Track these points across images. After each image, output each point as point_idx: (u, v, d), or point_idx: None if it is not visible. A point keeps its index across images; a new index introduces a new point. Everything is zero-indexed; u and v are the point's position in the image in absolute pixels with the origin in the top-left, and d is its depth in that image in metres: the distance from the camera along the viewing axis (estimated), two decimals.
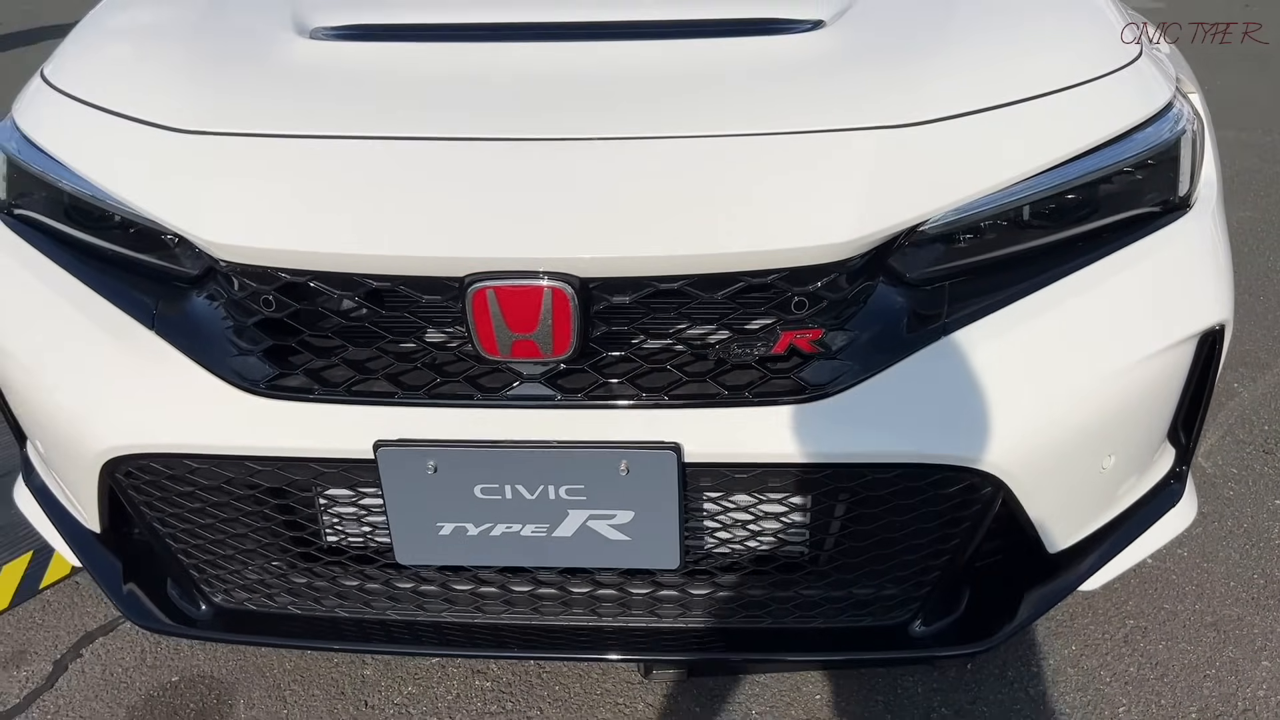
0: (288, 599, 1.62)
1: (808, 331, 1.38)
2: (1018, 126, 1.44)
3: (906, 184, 1.37)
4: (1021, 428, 1.40)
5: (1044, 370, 1.42)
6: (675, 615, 1.57)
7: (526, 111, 1.42)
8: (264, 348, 1.42)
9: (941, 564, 1.51)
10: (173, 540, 1.59)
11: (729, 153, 1.36)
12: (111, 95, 1.58)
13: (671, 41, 1.54)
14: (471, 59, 1.53)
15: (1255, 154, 4.39)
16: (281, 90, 1.51)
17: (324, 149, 1.40)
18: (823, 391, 1.37)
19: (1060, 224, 1.46)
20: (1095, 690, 1.76)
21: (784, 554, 1.53)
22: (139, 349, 1.47)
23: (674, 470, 1.37)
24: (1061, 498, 1.50)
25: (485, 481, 1.40)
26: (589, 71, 1.48)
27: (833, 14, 1.60)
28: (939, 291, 1.42)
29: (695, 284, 1.34)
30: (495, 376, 1.40)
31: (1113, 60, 1.55)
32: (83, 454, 1.51)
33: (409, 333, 1.42)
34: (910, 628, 1.56)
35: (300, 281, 1.39)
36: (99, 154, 1.53)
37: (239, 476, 1.48)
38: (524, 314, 1.34)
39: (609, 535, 1.44)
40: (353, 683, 1.81)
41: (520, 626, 1.60)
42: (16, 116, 1.70)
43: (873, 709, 1.73)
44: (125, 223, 1.52)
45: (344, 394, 1.41)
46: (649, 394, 1.38)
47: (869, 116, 1.40)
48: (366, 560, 1.60)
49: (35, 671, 1.86)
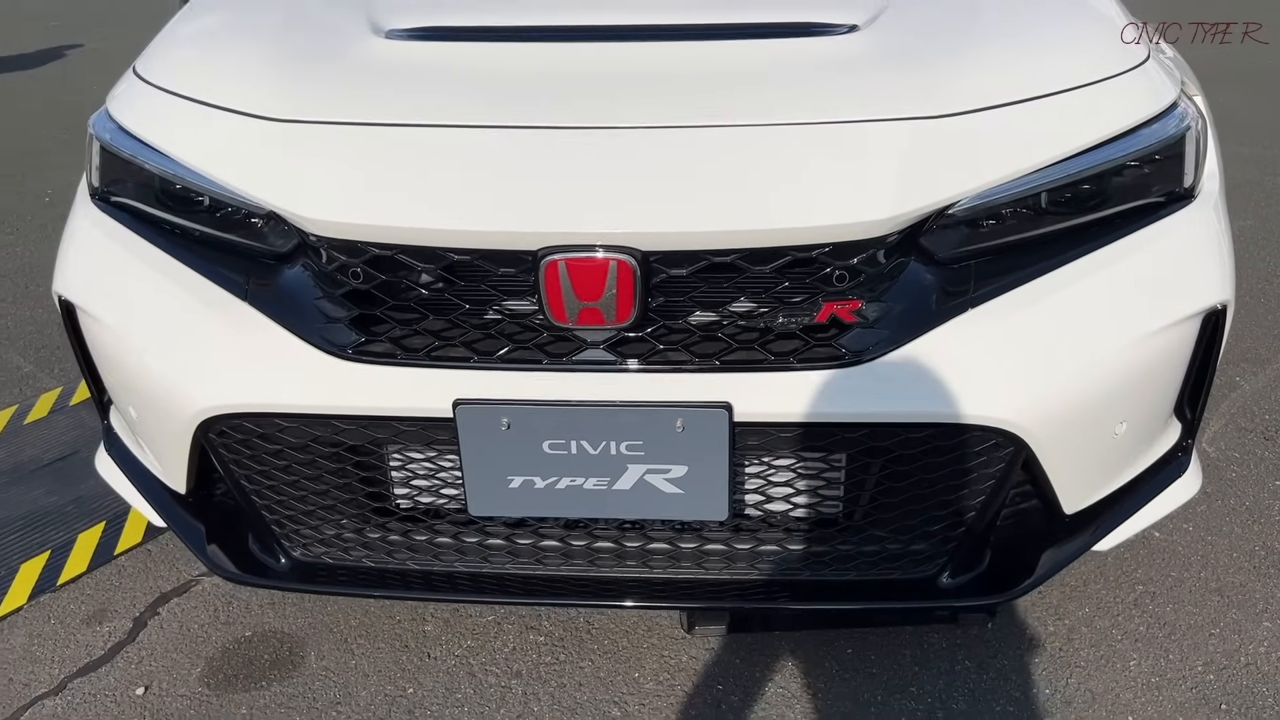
0: (361, 552, 1.76)
1: (848, 302, 1.52)
2: (1036, 120, 1.58)
3: (937, 170, 1.51)
4: (1040, 392, 1.53)
5: (1060, 341, 1.56)
6: (720, 567, 1.70)
7: (593, 102, 1.56)
8: (351, 316, 1.56)
9: (968, 520, 1.64)
10: (257, 497, 1.72)
11: (778, 139, 1.51)
12: (204, 88, 1.72)
13: (720, 42, 1.69)
14: (538, 57, 1.68)
15: (1255, 167, 4.54)
16: (366, 83, 1.66)
17: (410, 135, 1.55)
18: (860, 358, 1.51)
19: (1075, 210, 1.60)
20: (1108, 646, 1.89)
21: (822, 509, 1.67)
22: (232, 318, 1.61)
23: (725, 428, 1.50)
24: (1077, 459, 1.63)
25: (553, 438, 1.54)
26: (648, 68, 1.63)
27: (866, 19, 1.75)
28: (966, 269, 1.56)
29: (746, 257, 1.48)
30: (562, 343, 1.54)
31: (1123, 62, 1.70)
32: (179, 416, 1.64)
33: (485, 302, 1.56)
34: (938, 580, 1.69)
35: (387, 255, 1.53)
36: (195, 141, 1.67)
37: (324, 435, 1.61)
38: (591, 284, 1.48)
39: (664, 489, 1.57)
40: (415, 637, 1.94)
41: (576, 578, 1.73)
42: (111, 108, 1.85)
43: (901, 661, 1.86)
44: (216, 204, 1.66)
45: (424, 358, 1.54)
46: (701, 359, 1.52)
47: (903, 109, 1.54)
48: (436, 515, 1.74)
49: (116, 628, 1.99)
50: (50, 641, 1.97)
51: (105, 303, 1.73)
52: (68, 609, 2.05)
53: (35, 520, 2.30)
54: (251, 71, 1.73)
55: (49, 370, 2.99)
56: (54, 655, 1.93)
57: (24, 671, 1.90)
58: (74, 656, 1.93)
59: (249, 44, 1.83)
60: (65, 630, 1.99)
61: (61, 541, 2.23)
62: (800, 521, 1.68)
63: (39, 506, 2.35)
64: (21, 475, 2.47)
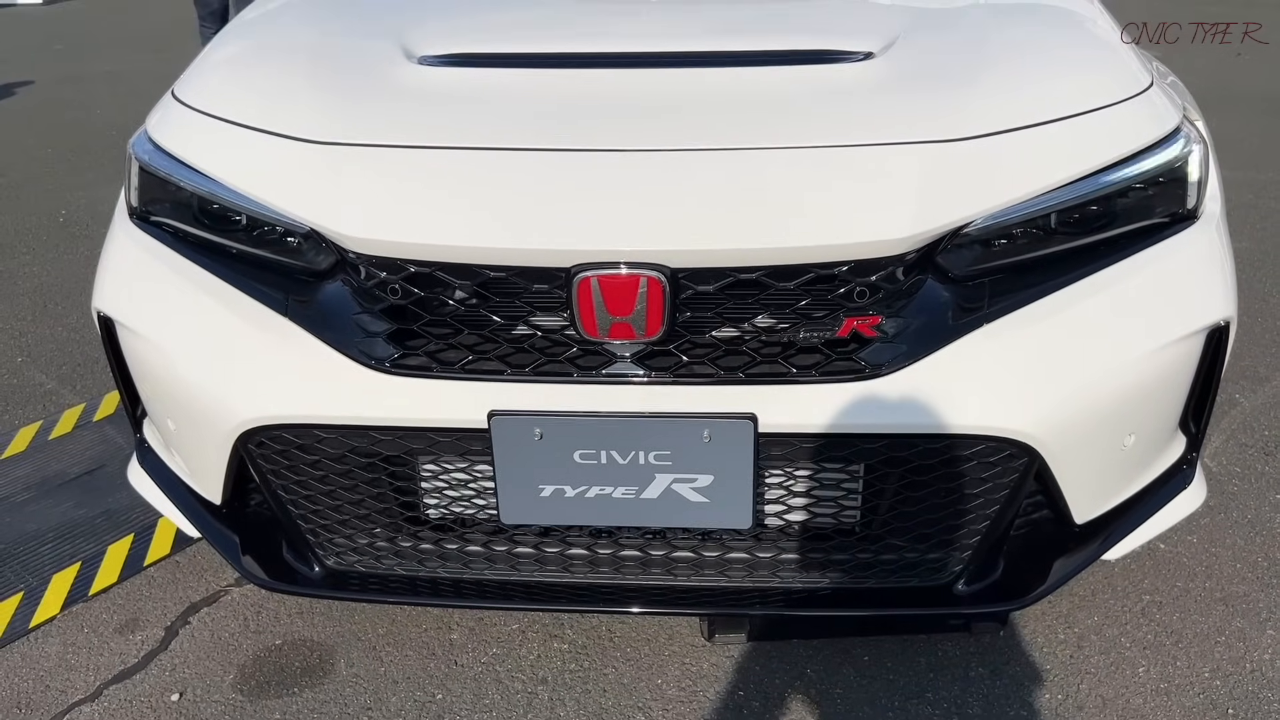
0: (393, 560, 1.81)
1: (868, 318, 1.58)
2: (1046, 144, 1.65)
3: (952, 191, 1.58)
4: (1052, 404, 1.59)
5: (1071, 356, 1.62)
6: (743, 575, 1.75)
7: (623, 125, 1.63)
8: (389, 330, 1.62)
9: (983, 529, 1.70)
10: (293, 506, 1.78)
11: (800, 161, 1.58)
12: (243, 111, 1.79)
13: (742, 69, 1.77)
14: (568, 83, 1.75)
15: (1249, 190, 4.63)
16: (402, 107, 1.73)
17: (446, 157, 1.62)
18: (880, 371, 1.57)
19: (1084, 230, 1.66)
20: (1117, 654, 1.94)
21: (842, 518, 1.73)
22: (272, 333, 1.67)
23: (750, 438, 1.56)
24: (1088, 470, 1.69)
25: (584, 448, 1.60)
26: (674, 93, 1.70)
27: (881, 46, 1.82)
28: (980, 286, 1.62)
29: (770, 274, 1.55)
30: (593, 356, 1.60)
31: (1128, 88, 1.77)
32: (219, 427, 1.70)
33: (518, 317, 1.62)
34: (954, 588, 1.74)
35: (425, 271, 1.59)
36: (235, 162, 1.73)
37: (360, 446, 1.67)
38: (622, 300, 1.54)
39: (690, 497, 1.63)
40: (442, 645, 1.99)
41: (603, 585, 1.78)
42: (150, 130, 1.91)
43: (916, 668, 1.91)
44: (255, 223, 1.72)
45: (460, 371, 1.60)
46: (727, 371, 1.58)
47: (919, 132, 1.61)
48: (466, 524, 1.79)
49: (149, 636, 2.04)
50: (85, 650, 2.01)
51: (146, 318, 1.79)
52: (100, 618, 2.09)
53: (65, 532, 2.35)
54: (290, 96, 1.80)
55: (71, 386, 3.05)
56: (89, 663, 1.98)
57: (60, 679, 1.94)
58: (108, 664, 1.97)
59: (286, 69, 1.90)
60: (99, 639, 2.04)
61: (92, 553, 2.28)
62: (820, 530, 1.74)
63: (68, 519, 2.40)
64: (49, 489, 2.52)
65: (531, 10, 2.20)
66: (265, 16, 2.21)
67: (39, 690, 1.92)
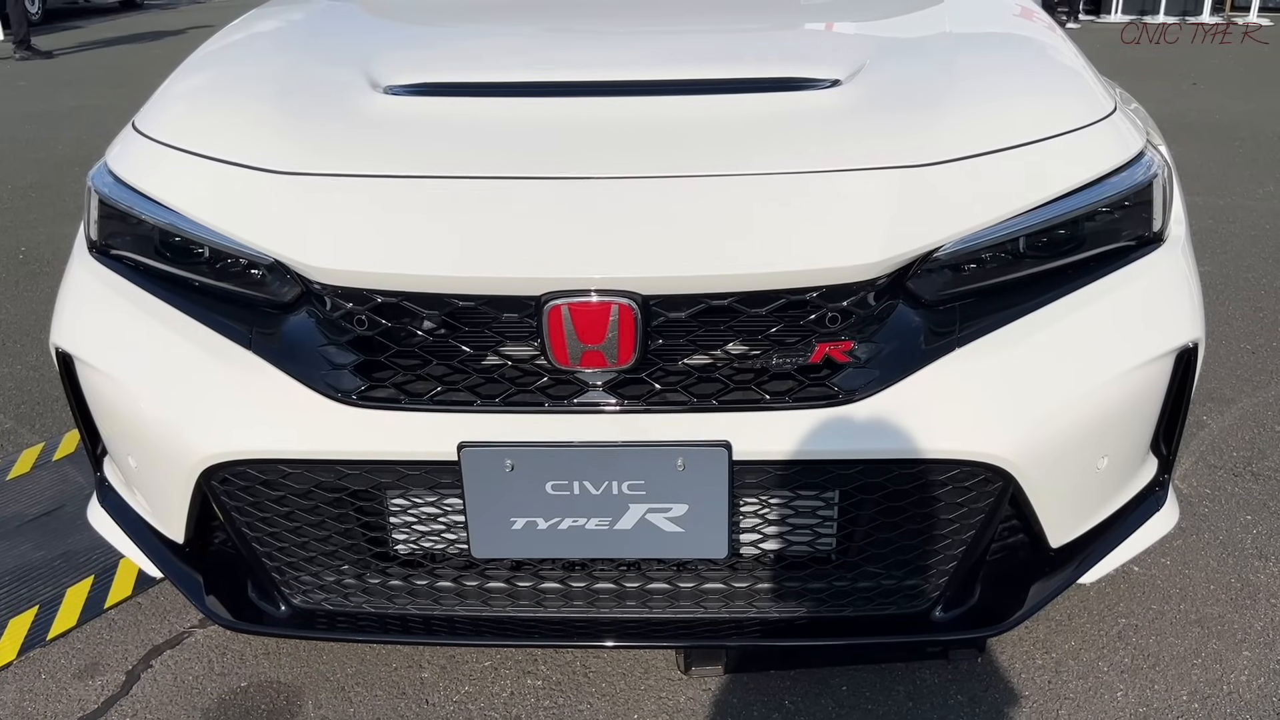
0: (361, 598, 1.77)
1: (840, 343, 1.58)
2: (1011, 169, 1.66)
3: (921, 216, 1.58)
4: (1026, 428, 1.59)
5: (1043, 379, 1.62)
6: (719, 605, 1.73)
7: (590, 153, 1.62)
8: (356, 362, 1.59)
9: (959, 554, 1.69)
10: (258, 544, 1.73)
11: (770, 187, 1.57)
12: (205, 142, 1.76)
13: (709, 96, 1.76)
14: (533, 111, 1.74)
15: (1209, 215, 4.71)
16: (367, 137, 1.71)
17: (414, 186, 1.60)
18: (853, 396, 1.56)
19: (1052, 253, 1.67)
20: (1095, 678, 1.93)
21: (818, 546, 1.71)
22: (236, 366, 1.64)
23: (724, 466, 1.54)
24: (1062, 493, 1.69)
25: (556, 478, 1.57)
26: (643, 120, 1.69)
27: (847, 74, 1.83)
28: (951, 310, 1.62)
29: (742, 300, 1.54)
30: (564, 385, 1.58)
31: (1091, 113, 1.79)
32: (181, 464, 1.66)
33: (488, 347, 1.59)
34: (931, 615, 1.73)
35: (391, 302, 1.57)
36: (197, 193, 1.71)
37: (327, 480, 1.64)
38: (593, 327, 1.52)
39: (665, 528, 1.60)
40: (412, 684, 1.94)
41: (577, 619, 1.75)
42: (110, 162, 1.88)
43: (895, 697, 1.89)
44: (217, 255, 1.69)
45: (428, 402, 1.58)
46: (700, 399, 1.56)
47: (887, 158, 1.61)
48: (436, 559, 1.76)
49: (110, 681, 1.98)
50: (42, 697, 1.95)
51: (106, 353, 1.75)
52: (59, 663, 2.03)
53: (22, 575, 2.29)
54: (253, 126, 1.77)
55: (30, 425, 2.98)
56: (46, 710, 1.91)
57: None
58: (67, 711, 1.91)
59: (249, 99, 1.87)
60: (57, 685, 1.97)
61: (50, 596, 2.22)
62: (797, 558, 1.72)
63: (25, 561, 2.34)
64: (6, 531, 2.45)
65: (498, 39, 2.20)
66: (228, 47, 2.19)
67: None
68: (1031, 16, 2.24)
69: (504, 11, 2.41)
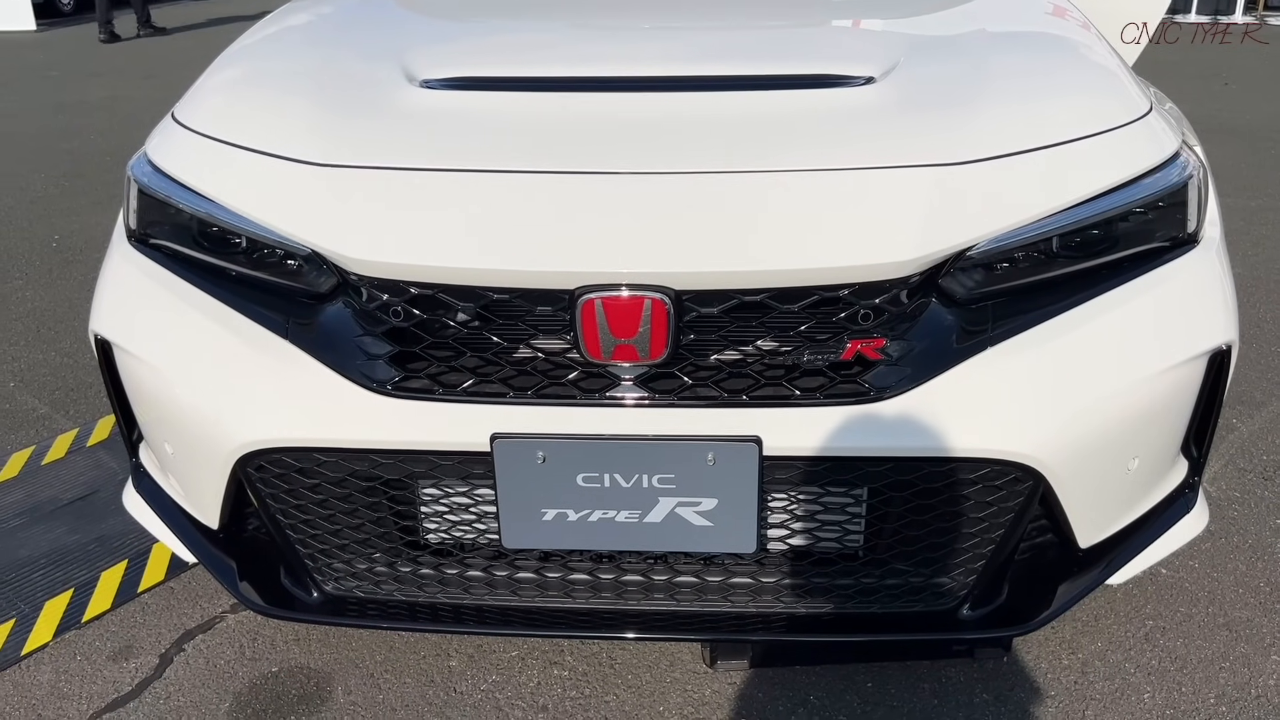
0: (392, 586, 1.79)
1: (872, 341, 1.58)
2: (1046, 168, 1.66)
3: (955, 214, 1.58)
4: (1057, 428, 1.59)
5: (1075, 379, 1.61)
6: (746, 600, 1.74)
7: (627, 148, 1.63)
8: (391, 353, 1.61)
9: (987, 553, 1.69)
10: (292, 531, 1.76)
11: (805, 184, 1.58)
12: (244, 133, 1.78)
13: (744, 93, 1.77)
14: (568, 106, 1.75)
15: (1240, 217, 4.67)
16: (404, 130, 1.73)
17: (451, 179, 1.61)
18: (884, 394, 1.56)
19: (1086, 254, 1.67)
20: (1122, 680, 1.93)
21: (846, 542, 1.71)
22: (273, 355, 1.66)
23: (755, 461, 1.55)
24: (1092, 494, 1.69)
25: (587, 471, 1.58)
26: (678, 116, 1.70)
27: (882, 71, 1.83)
28: (984, 309, 1.62)
29: (775, 296, 1.54)
30: (596, 379, 1.59)
31: (1127, 113, 1.78)
32: (218, 451, 1.68)
33: (521, 339, 1.61)
34: (959, 613, 1.73)
35: (427, 294, 1.58)
36: (236, 184, 1.73)
37: (361, 469, 1.66)
38: (626, 322, 1.53)
39: (694, 521, 1.61)
40: (441, 672, 1.96)
41: (605, 611, 1.76)
42: (149, 152, 1.91)
43: (920, 695, 1.89)
44: (255, 245, 1.71)
45: (462, 394, 1.59)
46: (731, 394, 1.57)
47: (922, 156, 1.61)
48: (466, 549, 1.77)
49: (143, 664, 2.01)
50: (77, 678, 1.98)
51: (145, 341, 1.78)
52: (93, 645, 2.06)
53: (58, 559, 2.32)
54: (291, 118, 1.79)
55: (65, 412, 3.02)
56: (81, 691, 1.95)
57: (52, 708, 1.91)
58: (101, 693, 1.94)
59: (287, 91, 1.90)
60: (92, 666, 2.01)
61: (85, 579, 2.25)
62: (825, 554, 1.72)
63: (61, 545, 2.37)
64: (42, 515, 2.49)
65: (533, 34, 2.22)
66: (266, 40, 2.22)
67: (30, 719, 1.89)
68: (1066, 15, 2.23)
69: (538, 6, 2.42)
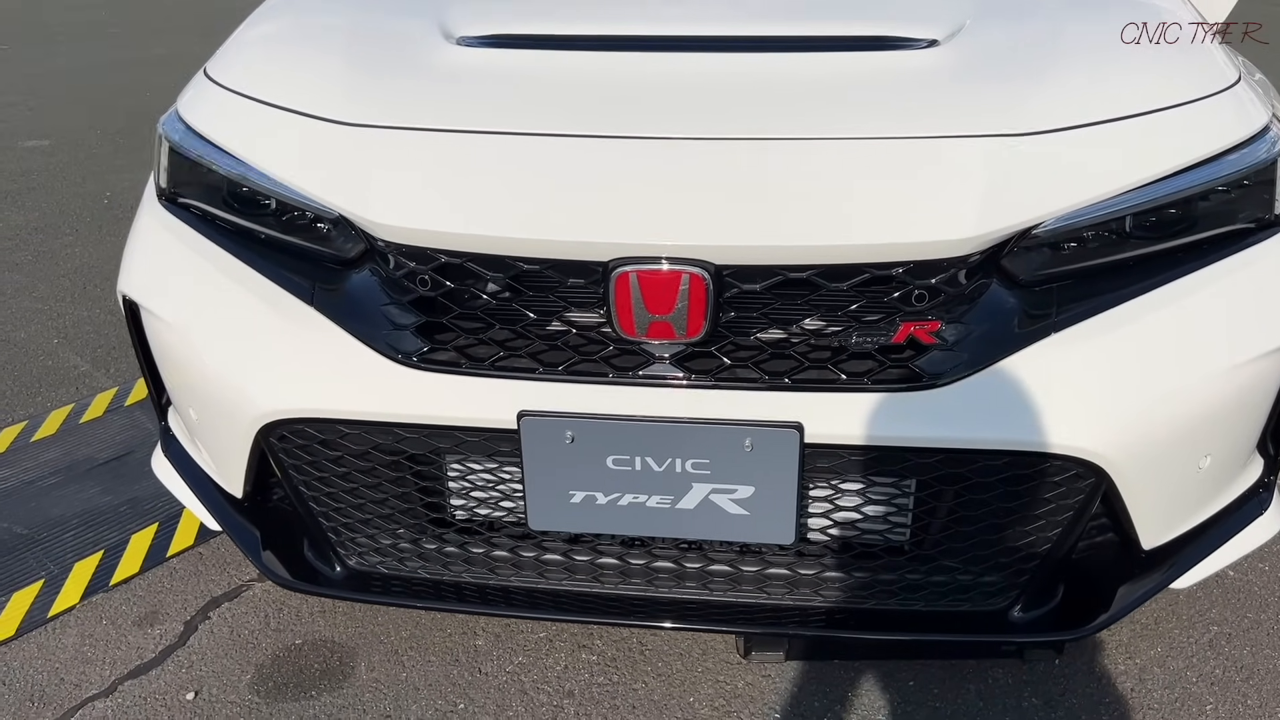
0: (416, 563, 1.73)
1: (926, 323, 1.48)
2: (1120, 142, 1.53)
3: (1021, 189, 1.47)
4: (1124, 422, 1.48)
5: (1147, 369, 1.50)
6: (783, 592, 1.66)
7: (667, 112, 1.54)
8: (417, 323, 1.54)
9: (1043, 552, 1.59)
10: (315, 503, 1.71)
11: (860, 153, 1.47)
12: (275, 91, 1.72)
13: (796, 54, 1.66)
14: (612, 67, 1.66)
15: None
16: (437, 89, 1.65)
17: (483, 142, 1.53)
18: (938, 381, 1.46)
19: (1161, 235, 1.54)
20: (1182, 689, 1.82)
21: (891, 536, 1.62)
22: (298, 323, 1.60)
23: (796, 448, 1.46)
24: (1159, 493, 1.57)
25: (618, 453, 1.51)
26: (725, 79, 1.60)
27: (946, 34, 1.71)
28: (1048, 292, 1.51)
29: (822, 274, 1.45)
30: (629, 357, 1.51)
31: (1212, 84, 1.64)
32: (240, 419, 1.63)
33: (552, 313, 1.53)
34: (1009, 614, 1.63)
35: (455, 262, 1.51)
36: (264, 143, 1.67)
37: (385, 443, 1.59)
38: (662, 297, 1.45)
39: (729, 509, 1.53)
40: (466, 652, 1.91)
41: (634, 597, 1.69)
42: (181, 109, 1.85)
43: (965, 696, 1.80)
44: (283, 208, 1.65)
45: (490, 368, 1.52)
46: (772, 376, 1.48)
47: (987, 125, 1.50)
48: (493, 528, 1.71)
49: (167, 630, 1.98)
50: (102, 643, 1.96)
51: (170, 303, 1.73)
52: (120, 610, 2.04)
53: (90, 519, 2.31)
54: (323, 75, 1.72)
55: (105, 370, 3.01)
56: (105, 656, 1.93)
57: (75, 672, 1.89)
58: (125, 658, 1.92)
59: (320, 48, 1.83)
60: (117, 631, 1.99)
61: (115, 541, 2.23)
62: (868, 548, 1.63)
63: (93, 505, 2.36)
64: (76, 474, 2.48)
65: None
66: None
67: (53, 683, 1.87)
68: None
69: None
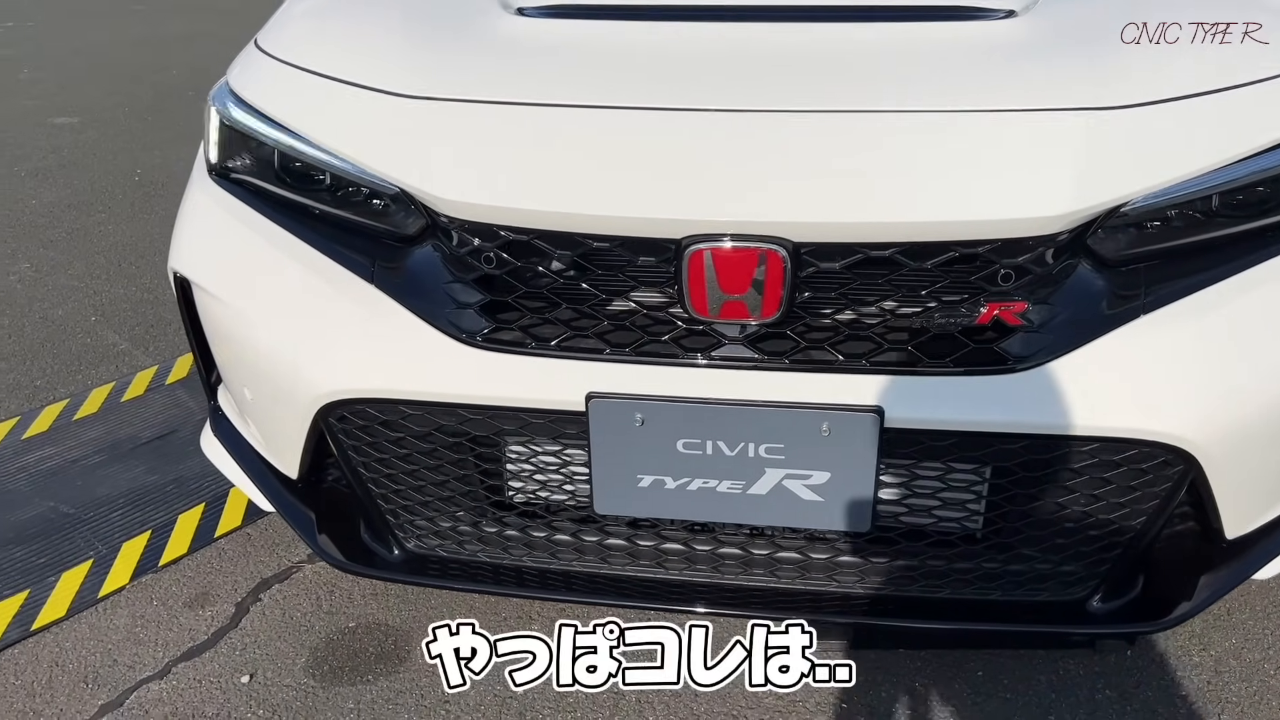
0: (476, 546, 1.70)
1: (1012, 304, 1.42)
2: (1214, 116, 1.47)
3: (1111, 165, 1.41)
4: (1216, 407, 1.42)
5: (1240, 353, 1.44)
6: (854, 580, 1.61)
7: (742, 84, 1.48)
8: (481, 302, 1.50)
9: (1125, 541, 1.53)
10: (374, 485, 1.67)
11: (942, 127, 1.41)
12: (330, 62, 1.67)
13: (872, 24, 1.60)
14: (680, 36, 1.60)
15: None
16: (500, 60, 1.59)
17: (550, 115, 1.48)
18: (1023, 364, 1.41)
19: (1255, 213, 1.48)
20: (1260, 681, 1.77)
21: (967, 524, 1.57)
22: (357, 300, 1.56)
23: (874, 433, 1.41)
24: (1248, 481, 1.52)
25: (688, 436, 1.46)
26: (798, 49, 1.54)
27: (1024, 4, 1.64)
28: (1136, 273, 1.45)
29: (905, 252, 1.39)
30: (700, 337, 1.46)
31: None
32: (299, 399, 1.59)
33: (621, 292, 1.48)
34: (1088, 604, 1.58)
35: (521, 239, 1.46)
36: (320, 116, 1.62)
37: (448, 424, 1.55)
38: (737, 276, 1.40)
39: (803, 495, 1.48)
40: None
41: (699, 584, 1.65)
42: (231, 81, 1.80)
43: (1036, 687, 1.75)
44: (340, 182, 1.60)
45: (556, 349, 1.48)
46: (850, 359, 1.43)
47: (1074, 98, 1.44)
48: (554, 511, 1.67)
49: (219, 612, 1.96)
50: (154, 624, 1.94)
51: (225, 280, 1.69)
52: (170, 591, 2.02)
53: (136, 499, 2.29)
54: (380, 46, 1.68)
55: (144, 348, 2.99)
56: (158, 638, 1.90)
57: (128, 653, 1.87)
58: (178, 640, 1.90)
59: (376, 19, 1.77)
60: (168, 613, 1.96)
61: (162, 521, 2.21)
62: (944, 535, 1.58)
63: (139, 485, 2.34)
64: (121, 453, 2.46)
65: None
66: None
67: (106, 665, 1.85)
68: None
69: None
